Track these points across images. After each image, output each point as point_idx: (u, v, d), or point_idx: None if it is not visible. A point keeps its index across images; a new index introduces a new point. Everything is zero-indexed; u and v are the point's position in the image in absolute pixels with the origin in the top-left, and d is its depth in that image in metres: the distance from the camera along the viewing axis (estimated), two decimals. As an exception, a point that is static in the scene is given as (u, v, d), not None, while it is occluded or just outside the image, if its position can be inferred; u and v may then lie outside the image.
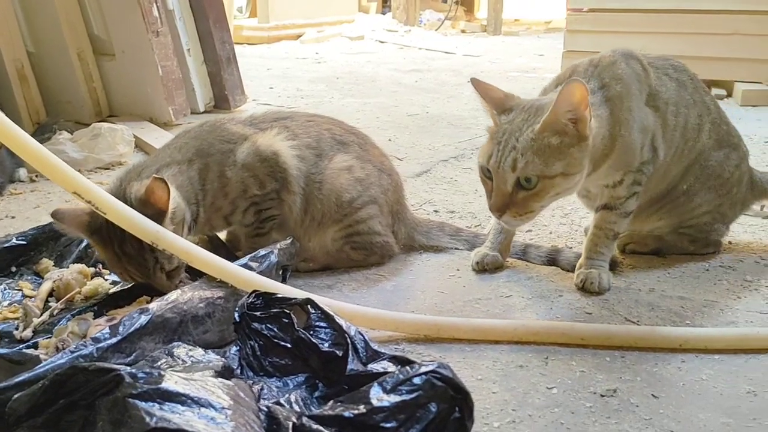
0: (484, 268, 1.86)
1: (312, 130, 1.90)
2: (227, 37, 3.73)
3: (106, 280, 1.65)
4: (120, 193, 1.52)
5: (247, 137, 1.80)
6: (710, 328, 1.53)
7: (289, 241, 1.65)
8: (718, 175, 1.88)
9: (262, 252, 1.56)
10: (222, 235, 1.95)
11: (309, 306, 1.33)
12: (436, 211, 2.35)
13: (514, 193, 1.49)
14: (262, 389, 1.21)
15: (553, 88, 1.71)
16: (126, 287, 1.60)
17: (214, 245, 1.83)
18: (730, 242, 2.05)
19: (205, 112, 3.73)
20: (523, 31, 8.59)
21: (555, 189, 1.50)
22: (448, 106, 4.04)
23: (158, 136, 3.09)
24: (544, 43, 7.01)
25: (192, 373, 1.13)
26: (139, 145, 3.01)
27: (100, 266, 1.71)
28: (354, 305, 1.49)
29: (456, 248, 2.01)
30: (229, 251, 1.81)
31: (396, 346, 1.47)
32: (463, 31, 8.49)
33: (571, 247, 2.00)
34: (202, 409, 0.96)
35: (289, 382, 1.26)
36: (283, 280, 1.62)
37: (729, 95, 4.15)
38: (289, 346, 1.29)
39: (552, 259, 1.92)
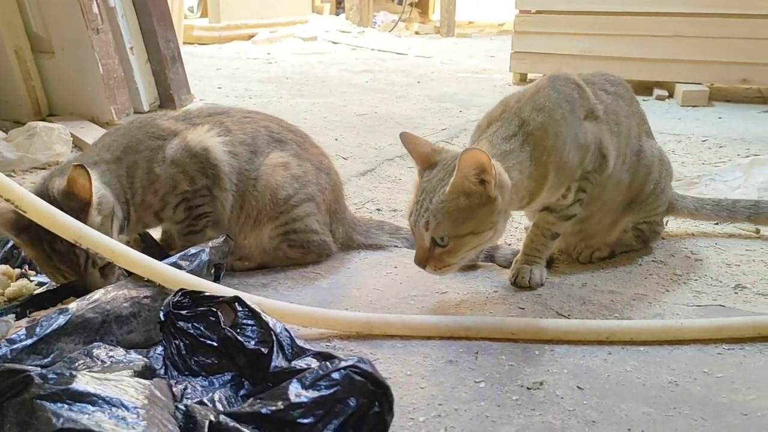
0: None
1: (248, 127, 1.88)
2: (172, 36, 3.67)
3: (32, 281, 1.61)
4: (43, 190, 1.49)
5: (178, 133, 1.77)
6: (636, 320, 1.56)
7: (221, 239, 1.63)
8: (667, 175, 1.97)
9: (193, 250, 1.53)
10: (156, 234, 1.92)
11: (236, 304, 1.31)
12: (378, 210, 2.35)
13: (432, 248, 1.52)
14: (185, 389, 1.19)
15: (485, 126, 1.71)
16: (52, 288, 1.56)
17: (146, 244, 1.80)
18: (663, 238, 2.09)
19: (149, 111, 3.66)
20: (476, 33, 8.67)
21: (467, 246, 1.53)
22: (397, 106, 4.05)
23: (98, 135, 3.01)
24: (495, 45, 7.09)
25: (109, 373, 1.11)
26: (78, 145, 2.94)
27: (26, 267, 1.67)
28: (285, 303, 1.48)
29: (395, 246, 2.01)
30: (162, 250, 1.78)
31: (327, 343, 1.46)
32: (416, 33, 8.53)
33: (509, 244, 2.02)
34: (114, 409, 0.94)
35: (215, 381, 1.25)
36: (217, 279, 1.60)
37: (671, 96, 4.25)
38: (215, 344, 1.27)
39: (490, 255, 1.94)
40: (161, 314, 1.29)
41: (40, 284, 1.61)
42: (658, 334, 1.47)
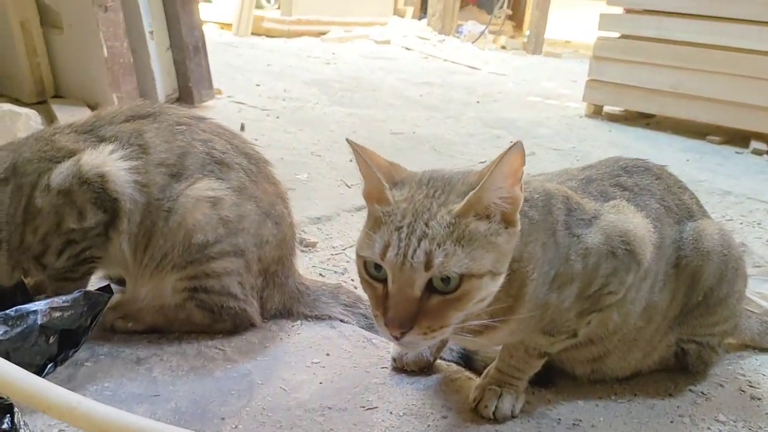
0: (403, 366, 1.37)
1: (179, 139, 1.43)
2: (197, 23, 3.32)
3: None
4: None
5: (75, 153, 1.37)
6: None
7: (77, 294, 1.20)
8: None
9: (20, 310, 1.12)
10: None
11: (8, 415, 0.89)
12: (358, 260, 1.88)
13: (424, 299, 0.99)
14: None
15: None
16: None
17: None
18: (713, 355, 1.53)
19: (165, 103, 3.32)
20: (568, 53, 8.05)
21: (480, 293, 1.01)
22: (442, 128, 3.56)
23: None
24: (584, 69, 6.44)
25: None
26: (58, 134, 2.62)
27: None
28: (106, 408, 1.02)
29: (346, 322, 1.53)
30: (26, 294, 1.39)
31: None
32: (503, 47, 7.99)
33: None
34: None
35: None
36: (66, 350, 1.18)
37: (770, 151, 3.58)
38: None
39: (465, 356, 1.43)
40: None
41: None
42: None
